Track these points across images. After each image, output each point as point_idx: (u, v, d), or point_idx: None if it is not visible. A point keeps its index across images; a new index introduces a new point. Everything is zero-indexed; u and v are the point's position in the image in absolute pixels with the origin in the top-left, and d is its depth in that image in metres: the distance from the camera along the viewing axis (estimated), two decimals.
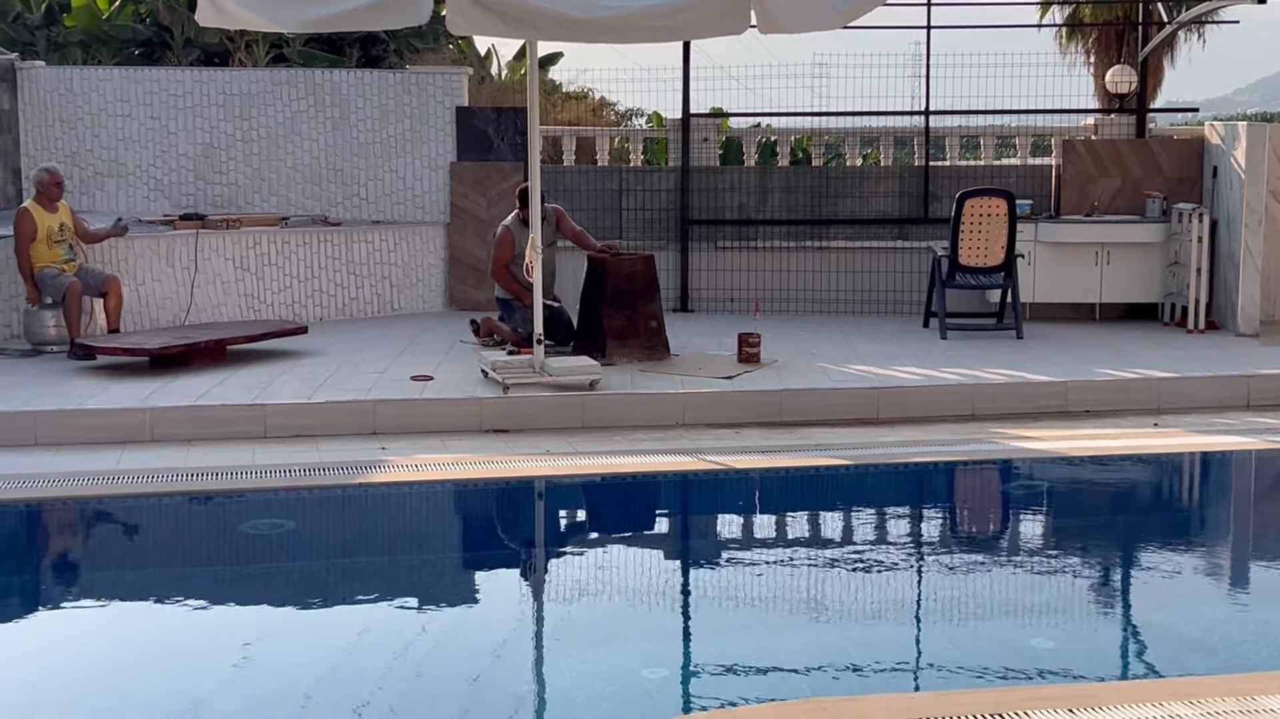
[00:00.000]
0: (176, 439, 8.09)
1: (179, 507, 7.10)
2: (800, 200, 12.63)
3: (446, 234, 12.46)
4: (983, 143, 13.49)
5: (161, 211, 12.18)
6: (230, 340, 9.85)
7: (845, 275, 12.45)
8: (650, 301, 9.89)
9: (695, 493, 7.66)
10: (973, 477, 8.07)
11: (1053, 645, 5.28)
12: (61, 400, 8.43)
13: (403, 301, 12.28)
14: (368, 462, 7.58)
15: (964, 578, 6.18)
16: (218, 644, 5.27)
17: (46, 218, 10.06)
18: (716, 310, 12.47)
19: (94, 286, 10.03)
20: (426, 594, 6.03)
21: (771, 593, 6.01)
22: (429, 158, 12.52)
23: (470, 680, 4.86)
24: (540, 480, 7.51)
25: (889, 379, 9.23)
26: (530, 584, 6.22)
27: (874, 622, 5.61)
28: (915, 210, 12.54)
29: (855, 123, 13.25)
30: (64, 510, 7.10)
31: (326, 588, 6.14)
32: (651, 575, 6.33)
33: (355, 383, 8.95)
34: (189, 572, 6.39)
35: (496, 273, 10.16)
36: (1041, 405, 8.93)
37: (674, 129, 12.88)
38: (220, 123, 12.44)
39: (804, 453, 7.90)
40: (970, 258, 10.94)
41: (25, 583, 6.32)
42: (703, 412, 8.64)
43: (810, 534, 6.93)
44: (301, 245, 11.67)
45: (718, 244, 12.59)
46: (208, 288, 11.09)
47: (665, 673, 4.99)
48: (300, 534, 6.87)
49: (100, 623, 5.64)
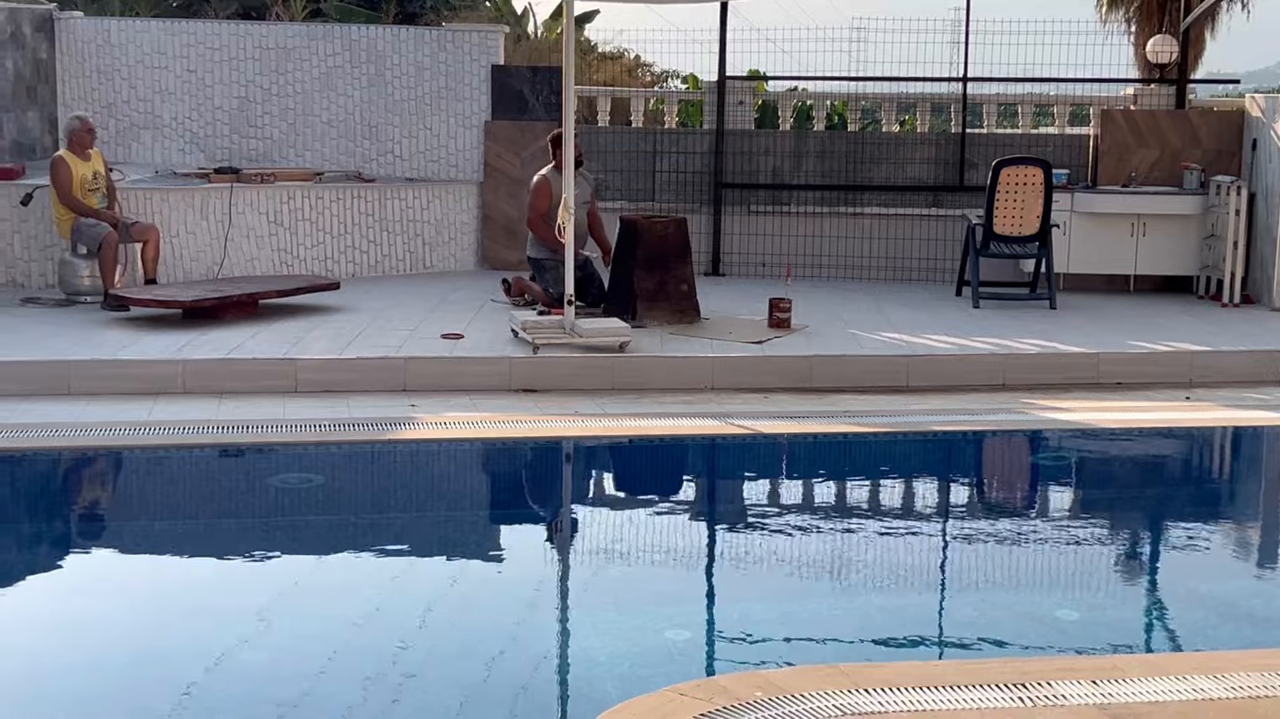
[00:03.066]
0: (208, 391, 8.13)
1: (209, 459, 7.15)
2: (835, 165, 12.56)
3: (480, 193, 12.45)
4: (1020, 111, 13.38)
5: (196, 165, 12.21)
6: (263, 294, 9.88)
7: (878, 242, 12.40)
8: (682, 264, 9.87)
9: (723, 457, 7.66)
10: (1002, 446, 8.04)
11: (1078, 617, 5.26)
12: (95, 350, 8.47)
13: (435, 260, 12.29)
14: (397, 418, 7.60)
15: (991, 548, 6.17)
16: (244, 597, 5.31)
17: (80, 166, 10.09)
18: (748, 275, 12.44)
19: (129, 235, 10.05)
20: (452, 551, 6.06)
21: (797, 559, 6.01)
22: (463, 116, 12.49)
23: (494, 637, 4.89)
24: (568, 441, 7.53)
25: (920, 347, 9.19)
26: (556, 544, 6.24)
27: (899, 590, 5.61)
28: (951, 178, 12.46)
29: (893, 88, 13.16)
30: (96, 460, 7.16)
31: (353, 543, 6.17)
32: (677, 539, 6.34)
33: (386, 339, 8.97)
34: (217, 523, 6.44)
35: (533, 222, 10.10)
36: (1073, 376, 8.88)
37: (709, 91, 12.82)
38: (256, 77, 12.44)
39: (833, 419, 7.89)
40: (1005, 227, 10.87)
41: (57, 530, 6.39)
42: (732, 376, 8.63)
43: (837, 501, 6.93)
44: (335, 201, 11.68)
45: (751, 208, 12.54)
46: (241, 242, 11.12)
47: (688, 635, 5.00)
48: (329, 489, 6.91)
49: (128, 572, 5.70)
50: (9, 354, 8.30)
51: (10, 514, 6.48)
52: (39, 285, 10.54)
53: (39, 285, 10.54)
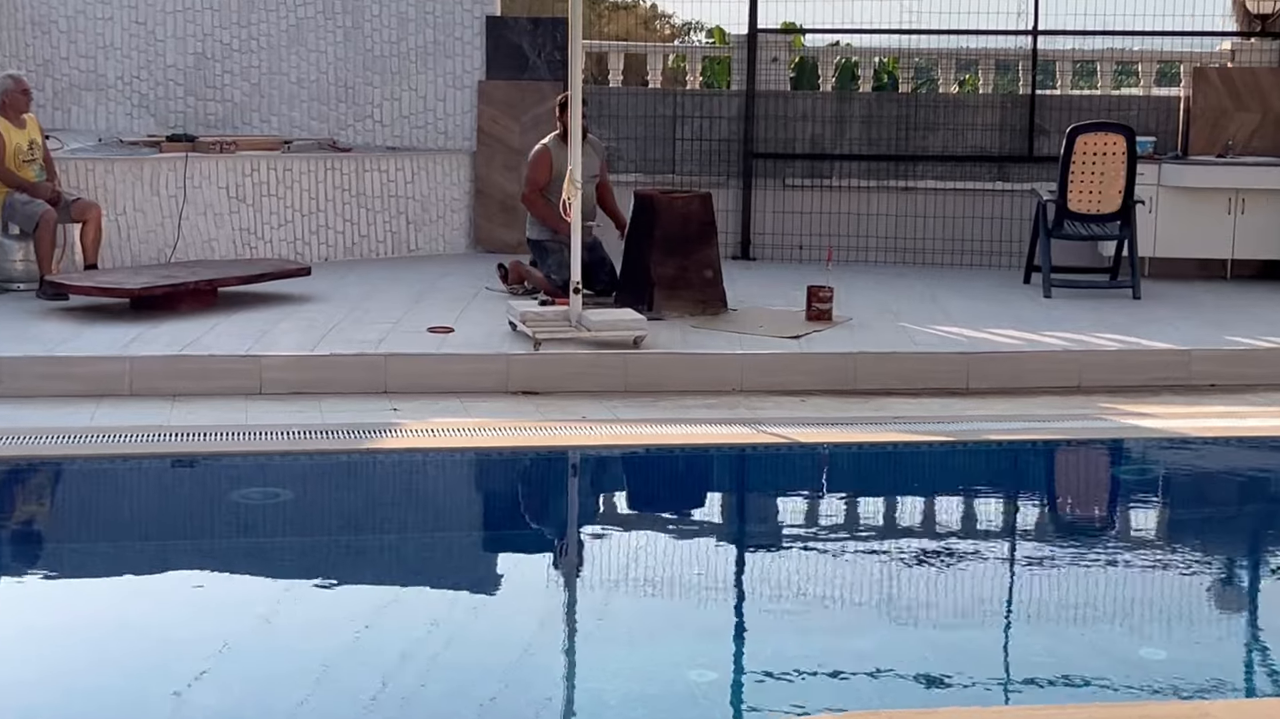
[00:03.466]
0: (159, 393, 8.16)
1: (160, 470, 7.17)
2: (884, 132, 12.55)
3: (472, 164, 12.47)
4: (1099, 69, 13.35)
5: (146, 131, 12.25)
6: (222, 281, 9.92)
7: (934, 221, 12.39)
8: (706, 247, 9.88)
9: (753, 469, 7.66)
10: (1077, 459, 8.03)
11: (1165, 656, 5.26)
12: (29, 346, 8.51)
13: (420, 241, 12.31)
14: (377, 424, 7.62)
15: (1064, 576, 6.16)
16: (201, 631, 5.32)
17: (13, 134, 10.12)
18: (782, 259, 12.44)
19: (67, 214, 10.08)
20: (442, 579, 6.08)
21: (838, 587, 6.01)
22: (454, 75, 12.51)
23: (489, 678, 4.89)
24: (574, 451, 7.53)
25: (982, 343, 9.19)
26: (561, 571, 6.25)
27: (956, 623, 5.61)
28: (1018, 147, 12.44)
29: (951, 42, 13.15)
30: (29, 472, 7.19)
31: (327, 568, 6.18)
32: (700, 564, 6.34)
33: (364, 334, 8.99)
34: (170, 545, 6.45)
35: (529, 198, 10.17)
36: (1160, 377, 8.87)
37: (738, 46, 12.82)
38: (214, 30, 12.48)
39: (880, 426, 7.88)
40: (1081, 203, 10.85)
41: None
42: (764, 376, 8.63)
43: (885, 521, 6.92)
44: (305, 174, 11.71)
45: (786, 181, 12.54)
46: (197, 220, 11.15)
47: (714, 675, 5.00)
48: (298, 506, 6.93)
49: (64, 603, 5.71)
50: None
51: None
52: None
53: None
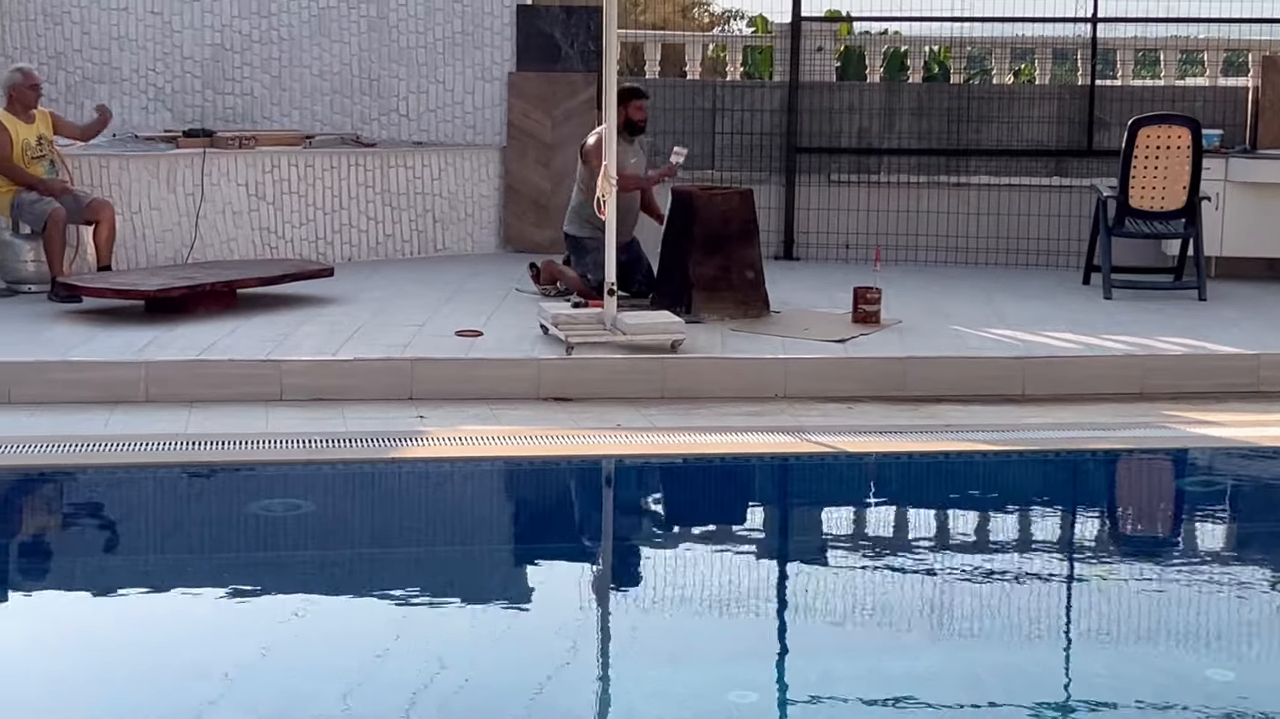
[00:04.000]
0: (176, 400, 8.19)
1: (176, 481, 7.19)
2: (935, 125, 12.52)
3: (502, 159, 12.49)
4: (1163, 58, 13.28)
5: (162, 126, 12.31)
6: (242, 283, 9.95)
7: (988, 218, 12.35)
8: (747, 247, 9.86)
9: (797, 480, 7.65)
10: (1140, 469, 8.00)
11: (1233, 677, 5.22)
12: (41, 350, 8.56)
13: (448, 240, 12.33)
14: (403, 433, 7.63)
15: (1125, 593, 6.13)
16: (218, 648, 5.33)
17: (22, 129, 10.18)
18: (827, 259, 12.42)
19: (79, 213, 10.14)
20: (468, 594, 6.07)
21: (887, 605, 5.99)
22: (483, 67, 12.53)
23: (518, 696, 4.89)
24: (608, 460, 7.53)
25: (1039, 347, 9.15)
26: (594, 586, 6.24)
27: (1013, 642, 5.58)
28: (1077, 140, 12.39)
29: (1005, 30, 13.11)
30: (40, 482, 7.22)
31: (350, 583, 6.19)
32: (742, 579, 6.33)
33: (389, 337, 9.01)
34: (187, 559, 6.48)
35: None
36: (1228, 383, 8.82)
37: (781, 35, 12.80)
38: (233, 20, 12.53)
39: (931, 435, 7.86)
40: (1144, 200, 10.80)
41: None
42: (808, 382, 8.61)
43: (936, 535, 6.90)
44: (328, 170, 11.74)
45: (831, 177, 12.52)
46: (216, 219, 11.20)
47: (755, 697, 4.99)
48: (320, 518, 6.94)
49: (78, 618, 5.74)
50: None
51: None
52: None
53: None
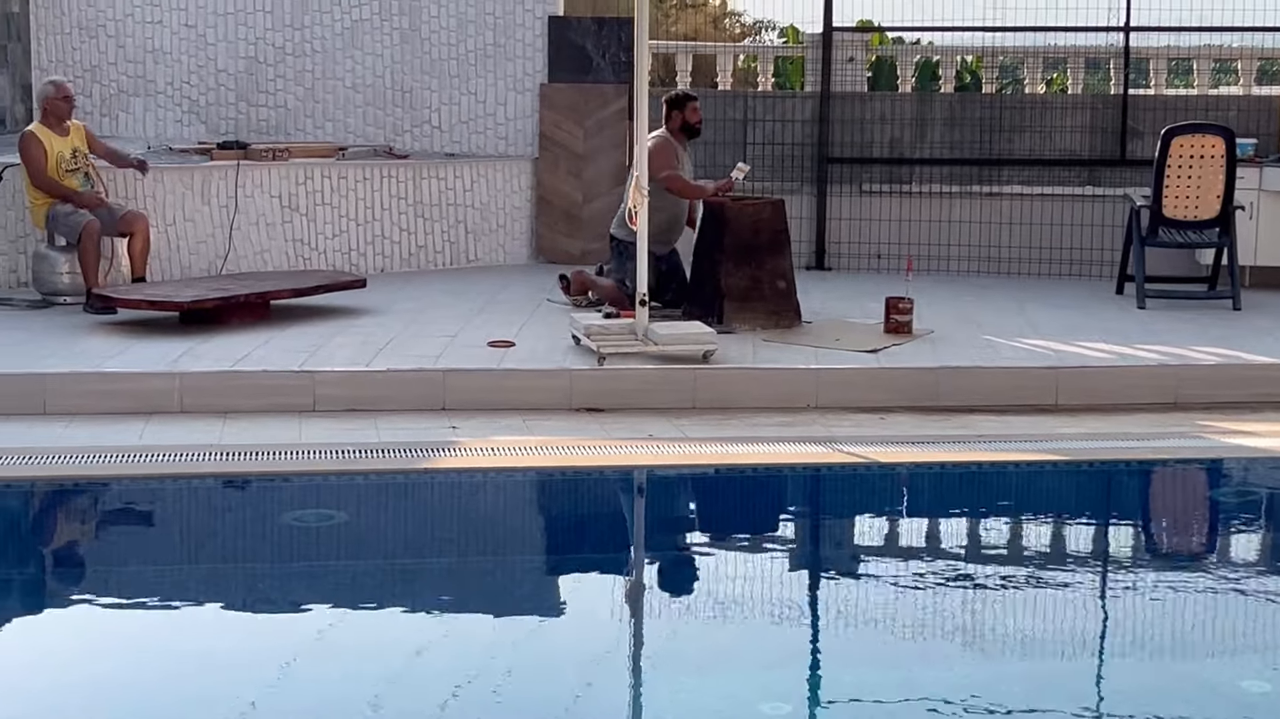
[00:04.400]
0: (210, 410, 8.22)
1: (210, 491, 7.22)
2: (967, 135, 12.49)
3: (534, 170, 12.51)
4: (1196, 67, 13.23)
5: (196, 139, 12.37)
6: (275, 294, 9.98)
7: (1020, 228, 12.31)
8: (778, 257, 9.86)
9: (829, 491, 7.63)
10: (1175, 480, 7.96)
11: (1270, 689, 5.20)
12: (76, 362, 8.60)
13: (480, 251, 12.35)
14: (435, 443, 7.64)
15: (1160, 605, 6.10)
16: (250, 659, 5.36)
17: (56, 141, 10.21)
18: (859, 269, 12.40)
19: (114, 226, 10.18)
20: (502, 605, 6.08)
21: (921, 615, 5.97)
22: (514, 78, 12.56)
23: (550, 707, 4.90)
24: (640, 471, 7.53)
25: (1071, 357, 9.12)
26: (626, 596, 6.24)
27: (1046, 653, 5.56)
28: (1110, 150, 12.35)
29: (1037, 40, 13.09)
30: (76, 493, 7.26)
31: (382, 593, 6.21)
32: (774, 589, 6.32)
33: (421, 348, 9.03)
34: (220, 570, 6.50)
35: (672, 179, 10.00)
36: (1263, 393, 8.77)
37: (813, 46, 12.80)
38: (267, 33, 12.59)
39: (964, 445, 7.84)
40: (1177, 209, 10.76)
41: (27, 579, 6.47)
42: (840, 392, 8.60)
43: (970, 546, 6.88)
44: (361, 182, 11.78)
45: (863, 187, 12.50)
46: (249, 230, 11.24)
47: (788, 709, 4.99)
48: (353, 528, 6.96)
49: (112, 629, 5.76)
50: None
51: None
52: (9, 284, 10.70)
53: (9, 284, 10.70)
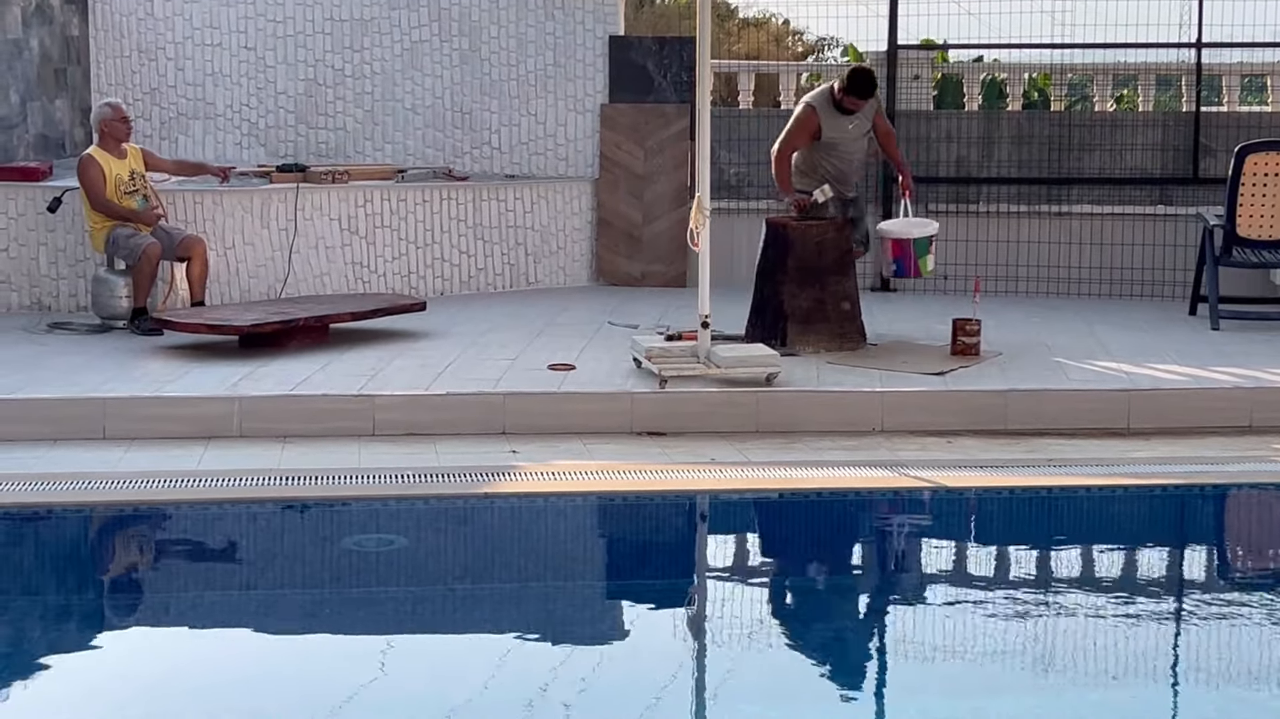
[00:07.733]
0: (269, 435, 8.27)
1: (270, 516, 7.26)
2: (1035, 154, 12.43)
3: (594, 192, 12.53)
4: (1270, 84, 13.13)
5: (256, 161, 12.47)
6: (334, 318, 10.03)
7: (1090, 248, 12.24)
8: (843, 278, 9.83)
9: (895, 516, 7.60)
10: (1250, 504, 7.89)
11: None
12: (135, 386, 8.67)
13: (540, 274, 12.38)
14: (495, 467, 7.66)
15: (1235, 633, 6.03)
16: (312, 684, 5.37)
17: (114, 164, 10.29)
18: (925, 290, 12.35)
19: (173, 250, 10.26)
20: (563, 631, 6.08)
21: (989, 642, 5.93)
22: (575, 99, 12.60)
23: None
24: (703, 496, 7.52)
25: (1144, 379, 9.05)
26: (688, 623, 6.23)
27: (1118, 682, 5.51)
28: (1182, 168, 12.26)
29: (1107, 56, 13.02)
30: (135, 517, 7.31)
31: (442, 619, 6.22)
32: (838, 616, 6.30)
33: (481, 371, 9.05)
34: (282, 594, 6.53)
35: (780, 155, 9.96)
36: None
37: (877, 64, 12.77)
38: (326, 55, 12.68)
39: (1033, 469, 7.79)
40: (1251, 229, 10.68)
41: (87, 603, 6.53)
42: (906, 415, 8.57)
43: (1039, 572, 6.83)
44: (420, 204, 11.84)
45: (929, 207, 12.45)
46: (309, 254, 11.31)
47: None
48: (413, 553, 6.98)
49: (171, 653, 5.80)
50: (33, 390, 8.53)
51: (32, 584, 6.63)
52: (69, 308, 10.82)
53: (69, 308, 10.82)
